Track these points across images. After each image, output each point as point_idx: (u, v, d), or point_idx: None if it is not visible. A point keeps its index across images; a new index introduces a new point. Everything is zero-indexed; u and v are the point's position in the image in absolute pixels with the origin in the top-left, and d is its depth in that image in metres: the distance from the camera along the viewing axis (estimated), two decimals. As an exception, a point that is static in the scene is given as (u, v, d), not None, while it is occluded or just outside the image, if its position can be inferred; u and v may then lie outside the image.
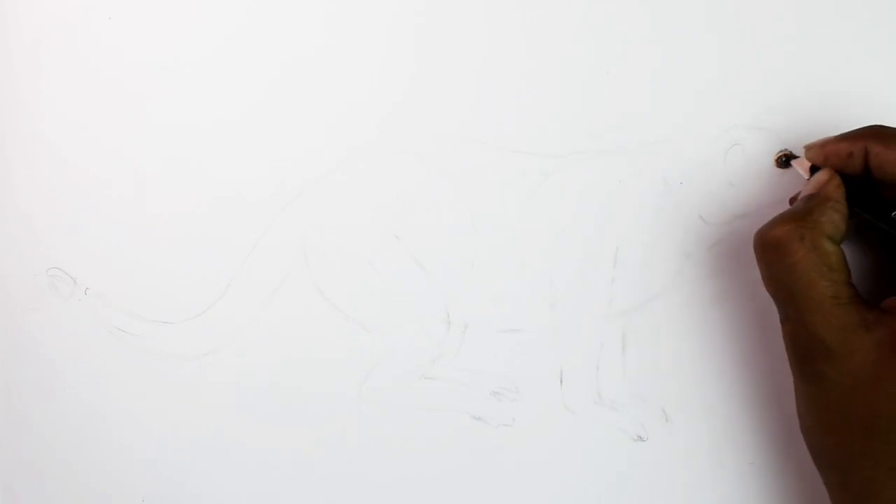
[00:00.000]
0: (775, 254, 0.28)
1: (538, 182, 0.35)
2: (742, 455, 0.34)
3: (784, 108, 0.33)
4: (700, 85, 0.33)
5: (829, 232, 0.28)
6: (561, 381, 0.35)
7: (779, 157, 0.33)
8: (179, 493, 0.39)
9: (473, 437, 0.36)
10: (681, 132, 0.34)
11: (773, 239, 0.28)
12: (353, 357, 0.36)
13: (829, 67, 0.32)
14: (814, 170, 0.30)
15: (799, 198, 0.30)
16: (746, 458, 0.34)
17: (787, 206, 0.33)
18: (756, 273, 0.31)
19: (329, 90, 0.36)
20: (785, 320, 0.29)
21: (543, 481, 0.36)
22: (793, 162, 0.32)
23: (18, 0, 0.38)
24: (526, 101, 0.34)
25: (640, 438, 0.35)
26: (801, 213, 0.28)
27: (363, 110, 0.35)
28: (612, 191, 0.34)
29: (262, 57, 0.36)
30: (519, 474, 0.36)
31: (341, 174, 0.36)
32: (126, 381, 0.38)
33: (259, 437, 0.38)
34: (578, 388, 0.35)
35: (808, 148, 0.30)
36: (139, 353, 0.38)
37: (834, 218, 0.28)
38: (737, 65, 0.33)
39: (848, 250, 0.29)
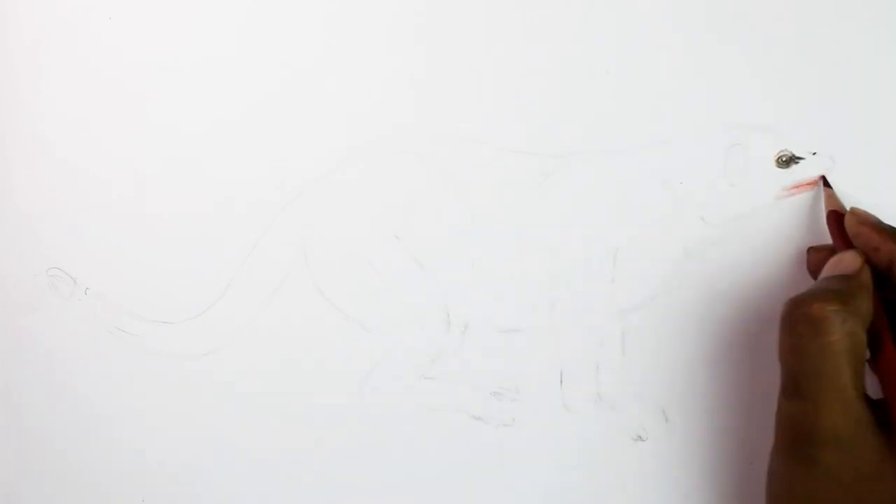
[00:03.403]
0: (812, 330, 0.27)
1: (538, 182, 0.35)
2: (742, 455, 0.34)
3: (785, 108, 0.33)
4: (700, 85, 0.33)
5: (865, 320, 0.27)
6: (561, 381, 0.35)
7: (779, 158, 0.33)
8: (179, 492, 0.39)
9: (473, 437, 0.36)
10: (681, 132, 0.34)
11: (815, 315, 0.27)
12: (353, 357, 0.36)
13: (830, 67, 0.32)
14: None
15: (829, 273, 0.29)
16: (746, 458, 0.34)
17: (787, 207, 0.33)
18: (755, 273, 0.31)
19: (329, 90, 0.36)
20: (793, 396, 0.28)
21: (543, 481, 0.36)
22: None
23: (18, 0, 0.38)
24: (526, 101, 0.34)
25: (640, 438, 0.35)
26: (845, 294, 0.27)
27: (363, 110, 0.35)
28: (612, 191, 0.34)
29: (263, 57, 0.36)
30: (519, 474, 0.36)
31: (341, 174, 0.36)
32: (126, 381, 0.38)
33: (259, 436, 0.38)
34: (578, 388, 0.35)
35: (852, 213, 0.31)
36: (139, 353, 0.38)
37: (869, 306, 0.28)
38: (737, 65, 0.33)
39: None
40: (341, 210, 0.36)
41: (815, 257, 0.32)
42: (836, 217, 0.31)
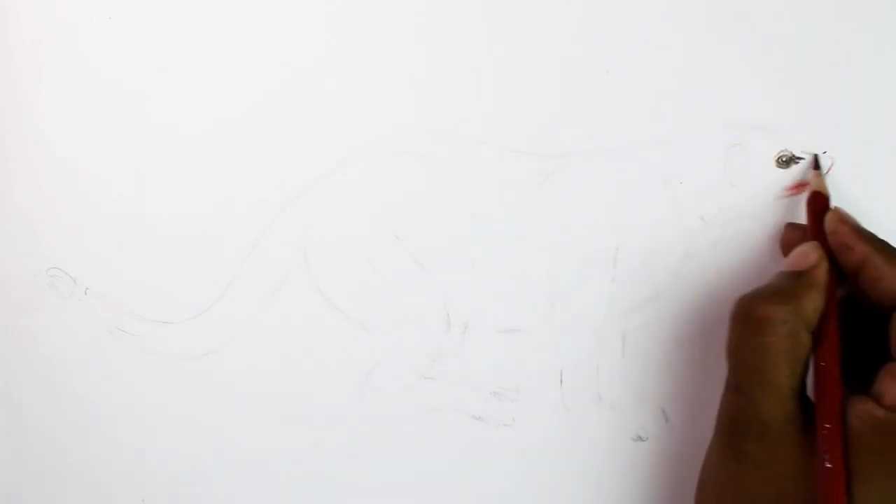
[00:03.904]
0: (752, 329, 0.28)
1: (538, 182, 0.35)
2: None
3: (785, 108, 0.33)
4: (700, 85, 0.33)
5: (809, 320, 0.28)
6: (561, 381, 0.35)
7: (779, 157, 0.33)
8: (180, 492, 0.39)
9: (473, 437, 0.36)
10: (681, 132, 0.34)
11: (758, 315, 0.28)
12: (353, 357, 0.36)
13: (830, 67, 0.32)
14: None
15: (787, 265, 0.30)
16: (746, 458, 0.34)
17: (787, 206, 0.33)
18: (755, 273, 0.31)
19: (329, 90, 0.36)
20: (733, 391, 0.29)
21: (543, 481, 0.36)
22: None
23: (19, 0, 0.38)
24: (526, 101, 0.34)
25: (640, 438, 0.35)
26: (789, 294, 0.28)
27: (363, 110, 0.35)
28: (612, 191, 0.34)
29: (263, 57, 0.36)
30: (519, 474, 0.36)
31: (341, 174, 0.36)
32: (126, 381, 0.38)
33: (259, 436, 0.38)
34: (578, 388, 0.35)
35: (835, 210, 0.30)
36: (139, 353, 0.38)
37: (817, 305, 0.28)
38: (737, 64, 0.33)
39: None
40: (341, 210, 0.36)
41: (790, 234, 0.32)
42: (819, 199, 0.31)
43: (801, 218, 0.32)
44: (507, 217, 0.35)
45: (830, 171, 0.32)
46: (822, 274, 0.29)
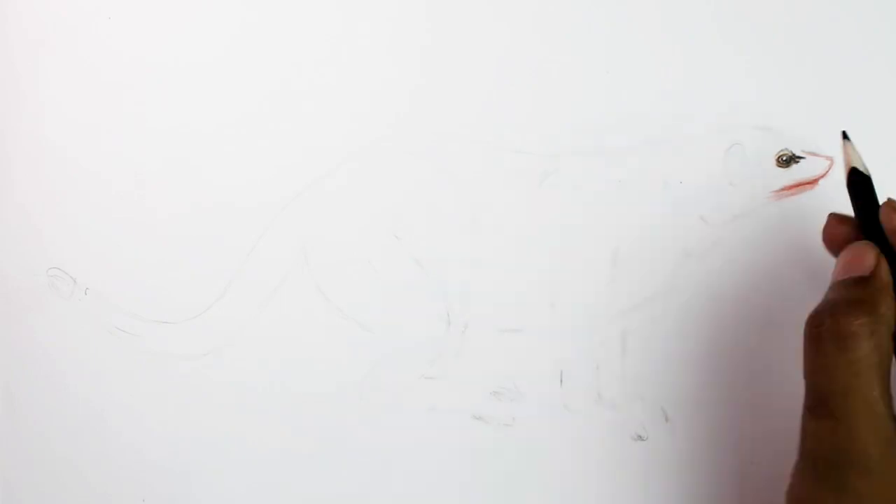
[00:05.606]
0: (838, 347, 0.25)
1: (538, 182, 0.35)
2: (742, 454, 0.34)
3: (785, 107, 0.33)
4: (700, 84, 0.33)
5: (892, 327, 0.26)
6: (561, 381, 0.35)
7: (779, 157, 0.33)
8: (180, 493, 0.39)
9: (473, 437, 0.36)
10: (681, 132, 0.34)
11: (842, 332, 0.25)
12: (353, 357, 0.36)
13: (830, 66, 0.32)
14: (854, 181, 0.28)
15: (843, 273, 0.27)
16: (746, 457, 0.34)
17: (788, 206, 0.33)
18: (755, 273, 0.31)
19: (330, 91, 0.36)
20: (823, 416, 0.26)
21: (543, 481, 0.36)
22: (843, 147, 0.29)
23: (19, 0, 0.38)
24: (526, 101, 0.34)
25: (640, 438, 0.35)
26: (866, 303, 0.26)
27: (363, 110, 0.35)
28: (612, 191, 0.34)
29: (263, 57, 0.36)
30: (519, 474, 0.36)
31: (341, 174, 0.36)
32: (126, 381, 0.38)
33: (259, 436, 0.38)
34: (578, 388, 0.35)
35: (889, 202, 0.28)
36: (139, 353, 0.38)
37: (892, 308, 0.26)
38: (737, 64, 0.33)
39: None
40: (341, 210, 0.36)
41: (837, 229, 0.29)
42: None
43: (802, 218, 0.32)
44: (507, 217, 0.35)
45: (830, 171, 0.32)
46: (885, 274, 0.26)
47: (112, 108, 0.37)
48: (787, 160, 0.33)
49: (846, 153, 0.28)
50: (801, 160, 0.33)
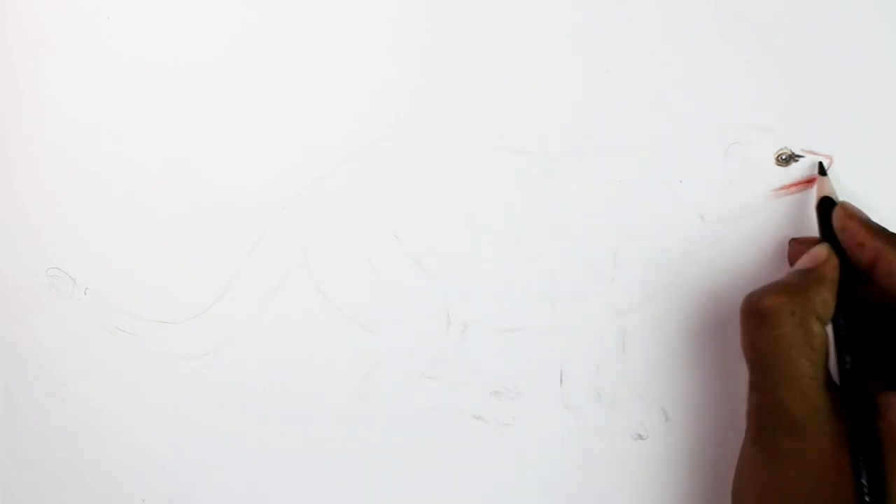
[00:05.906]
0: (761, 323, 0.28)
1: (538, 182, 0.35)
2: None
3: (785, 107, 0.33)
4: (700, 84, 0.33)
5: (819, 312, 0.28)
6: (561, 381, 0.35)
7: (779, 156, 0.33)
8: (180, 493, 0.39)
9: (473, 437, 0.36)
10: (681, 132, 0.34)
11: (763, 308, 0.28)
12: (353, 357, 0.36)
13: (830, 66, 0.32)
14: (823, 207, 0.30)
15: (798, 266, 0.30)
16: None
17: (787, 205, 0.33)
18: (755, 273, 0.31)
19: (330, 91, 0.36)
20: (755, 388, 0.29)
21: (543, 481, 0.36)
22: (817, 181, 0.32)
23: (19, 0, 0.38)
24: (526, 101, 0.34)
25: (640, 437, 0.35)
26: (796, 287, 0.28)
27: (363, 110, 0.35)
28: (612, 191, 0.34)
29: (263, 57, 0.36)
30: (519, 474, 0.36)
31: (341, 174, 0.36)
32: (126, 381, 0.38)
33: (259, 436, 0.38)
34: (578, 388, 0.35)
35: (841, 206, 0.30)
36: (139, 353, 0.38)
37: (826, 298, 0.28)
38: (737, 63, 0.33)
39: None
40: (341, 210, 0.36)
41: (797, 249, 0.32)
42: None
43: (802, 217, 0.32)
44: (507, 217, 0.35)
45: (830, 169, 0.32)
46: (830, 269, 0.29)
47: (112, 108, 0.37)
48: (787, 159, 0.33)
49: (820, 184, 0.32)
50: (801, 159, 0.33)
